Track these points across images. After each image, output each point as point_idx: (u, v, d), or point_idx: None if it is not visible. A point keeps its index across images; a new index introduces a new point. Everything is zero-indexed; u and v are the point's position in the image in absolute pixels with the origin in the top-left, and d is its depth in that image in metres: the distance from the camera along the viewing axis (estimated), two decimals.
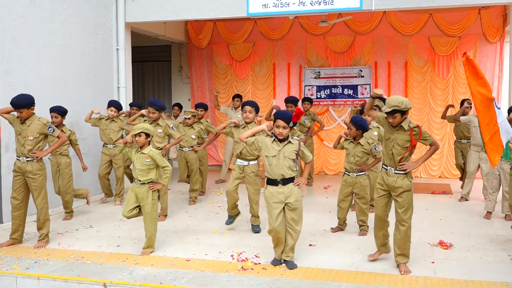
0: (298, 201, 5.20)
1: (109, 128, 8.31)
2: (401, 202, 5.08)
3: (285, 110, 5.46)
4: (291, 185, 5.16)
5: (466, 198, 8.66)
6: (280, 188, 5.15)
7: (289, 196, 5.16)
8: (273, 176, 5.16)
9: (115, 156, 8.38)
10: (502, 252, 5.81)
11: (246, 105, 6.55)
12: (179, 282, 4.89)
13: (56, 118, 7.32)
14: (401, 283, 4.82)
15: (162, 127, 7.54)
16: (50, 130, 6.07)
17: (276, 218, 5.17)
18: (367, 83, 11.47)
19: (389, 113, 4.94)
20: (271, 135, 5.19)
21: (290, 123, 5.06)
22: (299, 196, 5.21)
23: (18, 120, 6.03)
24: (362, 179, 6.52)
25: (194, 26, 12.34)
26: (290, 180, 5.16)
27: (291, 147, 5.14)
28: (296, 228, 5.24)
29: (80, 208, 8.19)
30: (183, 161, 8.49)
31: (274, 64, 12.08)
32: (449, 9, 10.16)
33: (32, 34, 7.69)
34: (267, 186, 5.24)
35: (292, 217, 5.21)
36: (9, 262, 5.53)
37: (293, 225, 5.22)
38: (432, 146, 5.17)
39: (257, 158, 6.62)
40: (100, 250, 5.98)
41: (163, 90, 13.74)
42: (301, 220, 5.30)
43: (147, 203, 5.73)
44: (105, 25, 9.39)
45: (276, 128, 5.11)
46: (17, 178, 6.09)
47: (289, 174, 5.14)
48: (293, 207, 5.18)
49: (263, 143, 5.19)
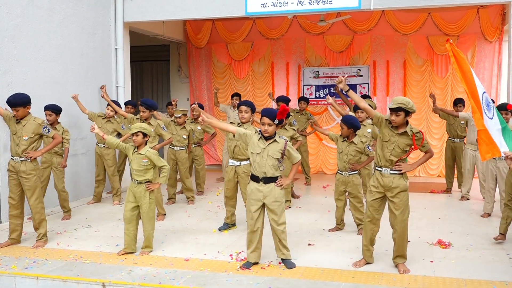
0: (276, 202, 5.16)
1: (104, 128, 8.25)
2: (398, 202, 5.02)
3: (271, 108, 5.45)
4: (272, 185, 5.14)
5: (467, 197, 8.66)
6: (261, 186, 5.14)
7: (267, 196, 5.14)
8: (256, 173, 5.16)
9: (106, 156, 8.35)
10: (501, 251, 5.81)
11: (242, 105, 6.57)
12: (178, 282, 4.88)
13: (50, 116, 7.30)
14: (400, 283, 4.82)
15: (153, 126, 7.51)
16: (45, 130, 6.06)
17: (252, 215, 5.19)
18: (365, 82, 11.47)
19: (393, 110, 4.91)
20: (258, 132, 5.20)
21: (275, 120, 5.05)
22: (279, 197, 5.17)
23: (14, 119, 6.02)
24: (355, 178, 6.50)
25: (193, 26, 12.34)
26: (272, 180, 5.14)
27: (277, 146, 5.11)
28: (278, 228, 5.22)
29: (79, 208, 8.19)
30: (172, 160, 8.44)
31: (272, 64, 12.09)
32: (448, 8, 10.18)
33: (31, 33, 7.68)
34: (250, 182, 5.26)
35: (272, 218, 5.21)
36: (8, 262, 5.53)
37: (273, 225, 5.23)
38: (427, 153, 5.16)
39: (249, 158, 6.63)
40: (99, 250, 5.98)
41: (161, 90, 13.73)
42: (282, 218, 5.23)
43: (145, 202, 5.72)
44: (103, 25, 9.38)
45: (261, 125, 5.12)
46: (12, 177, 6.08)
47: (271, 173, 5.12)
48: (271, 207, 5.17)
49: (250, 139, 5.19)
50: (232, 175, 6.70)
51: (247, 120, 6.51)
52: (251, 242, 5.28)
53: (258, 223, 5.23)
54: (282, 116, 5.06)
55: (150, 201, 5.75)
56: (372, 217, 5.20)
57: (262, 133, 5.12)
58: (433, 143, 11.13)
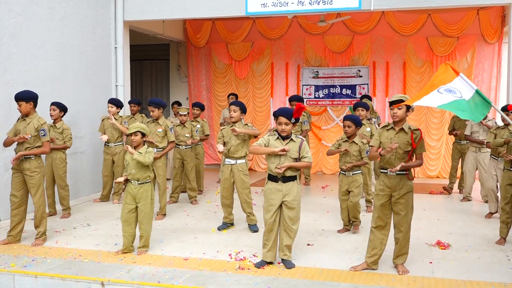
0: (295, 201, 5.20)
1: (110, 127, 8.32)
2: (404, 203, 5.01)
3: (286, 107, 5.48)
4: (291, 184, 5.17)
5: (468, 198, 8.67)
6: (280, 185, 5.17)
7: (287, 195, 5.17)
8: (274, 173, 5.18)
9: (116, 155, 8.36)
10: (500, 252, 5.82)
11: (231, 105, 6.74)
12: (177, 281, 4.88)
13: (54, 111, 7.38)
14: (399, 283, 4.82)
15: (162, 126, 7.53)
16: (42, 133, 6.07)
17: (271, 214, 5.21)
18: (365, 83, 11.47)
19: (394, 103, 4.94)
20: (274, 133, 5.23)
21: (292, 119, 5.10)
22: (298, 195, 5.21)
23: (20, 120, 6.10)
24: (358, 177, 6.56)
25: (193, 25, 12.34)
26: (291, 179, 5.16)
27: (294, 146, 5.15)
28: (292, 227, 5.24)
29: (78, 206, 8.18)
30: (178, 159, 8.46)
31: (272, 64, 12.08)
32: (448, 9, 10.18)
33: (31, 32, 7.67)
34: (268, 182, 5.28)
35: (289, 216, 5.21)
36: (7, 260, 5.52)
37: (289, 224, 5.22)
38: (417, 160, 5.01)
39: (244, 156, 6.67)
40: (98, 248, 5.97)
41: (161, 89, 13.73)
42: (298, 220, 5.30)
43: (146, 203, 5.72)
44: (103, 23, 9.37)
45: (278, 125, 5.15)
46: (16, 175, 6.10)
47: (289, 172, 5.14)
48: (290, 206, 5.18)
49: (268, 142, 5.23)
50: (228, 174, 6.71)
51: (236, 119, 6.64)
52: (267, 241, 5.29)
53: (276, 222, 5.25)
54: (299, 114, 5.12)
55: (151, 202, 5.76)
56: (382, 221, 5.08)
57: (279, 132, 5.15)
58: (432, 144, 11.14)
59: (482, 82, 10.84)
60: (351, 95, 11.56)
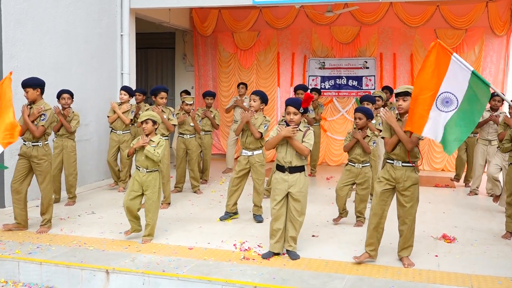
0: (301, 193, 5.18)
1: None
2: (409, 195, 4.98)
3: (295, 97, 5.45)
4: (297, 175, 5.14)
5: (475, 192, 8.61)
6: (286, 175, 5.15)
7: (293, 186, 5.15)
8: (281, 162, 5.17)
9: (124, 143, 8.34)
10: (506, 247, 5.79)
11: (252, 94, 6.68)
12: (182, 271, 4.88)
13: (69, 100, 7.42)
14: (404, 276, 4.81)
15: (165, 113, 7.48)
16: (42, 117, 6.05)
17: (277, 204, 5.20)
18: (372, 75, 11.40)
19: (400, 95, 4.91)
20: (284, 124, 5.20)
21: (300, 109, 5.07)
22: (304, 187, 5.19)
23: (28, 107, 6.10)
24: (367, 170, 6.49)
25: (199, 14, 12.26)
26: (298, 169, 5.14)
27: (300, 134, 5.12)
28: (298, 219, 5.22)
29: (82, 194, 8.18)
30: (182, 149, 8.45)
31: (278, 54, 12.00)
32: (456, 1, 10.11)
33: (36, 18, 7.62)
34: (275, 171, 5.27)
35: (294, 207, 5.19)
36: (12, 247, 5.53)
37: (295, 215, 5.20)
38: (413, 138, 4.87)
39: (261, 147, 6.62)
40: (103, 236, 5.98)
41: (166, 77, 13.69)
42: (304, 212, 5.28)
43: (154, 191, 5.72)
44: (109, 11, 9.31)
45: (287, 115, 5.13)
46: (22, 162, 6.10)
47: (296, 163, 5.12)
48: (295, 197, 5.16)
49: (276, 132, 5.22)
50: (244, 164, 6.64)
51: (256, 108, 6.52)
52: (275, 231, 5.27)
53: (282, 213, 5.23)
54: (307, 104, 5.11)
55: (158, 190, 5.76)
56: (379, 210, 5.06)
57: (288, 122, 5.12)
58: None
59: (490, 75, 10.74)
60: (357, 87, 11.49)
